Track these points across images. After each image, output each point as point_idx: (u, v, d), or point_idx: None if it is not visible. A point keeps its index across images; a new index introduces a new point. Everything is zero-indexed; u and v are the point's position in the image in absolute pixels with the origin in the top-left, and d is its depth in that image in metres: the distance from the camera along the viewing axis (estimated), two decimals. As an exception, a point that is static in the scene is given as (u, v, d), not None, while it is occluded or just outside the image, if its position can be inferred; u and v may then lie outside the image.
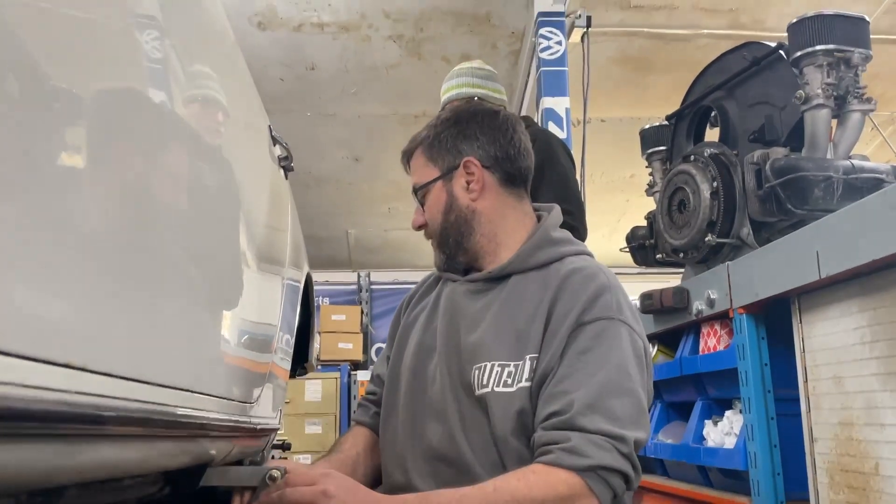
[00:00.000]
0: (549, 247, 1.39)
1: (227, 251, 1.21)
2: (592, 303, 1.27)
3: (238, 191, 1.29)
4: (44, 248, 0.59)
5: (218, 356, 1.14)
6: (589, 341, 1.24)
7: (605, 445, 1.15)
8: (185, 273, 0.96)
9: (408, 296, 1.63)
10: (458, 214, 1.42)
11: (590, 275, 1.32)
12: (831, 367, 1.62)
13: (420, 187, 1.45)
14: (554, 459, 1.15)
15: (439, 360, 1.37)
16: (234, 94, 1.36)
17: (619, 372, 1.22)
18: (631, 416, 1.20)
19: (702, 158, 2.45)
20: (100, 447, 0.73)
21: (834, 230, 1.54)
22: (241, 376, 1.29)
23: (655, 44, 4.67)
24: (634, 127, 3.50)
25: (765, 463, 1.83)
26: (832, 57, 2.17)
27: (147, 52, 0.86)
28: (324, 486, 1.08)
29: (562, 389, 1.21)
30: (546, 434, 1.19)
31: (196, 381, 1.01)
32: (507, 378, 1.27)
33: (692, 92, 2.84)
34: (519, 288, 1.36)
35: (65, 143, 0.64)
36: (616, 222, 7.07)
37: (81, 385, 0.64)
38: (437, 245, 1.46)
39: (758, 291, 1.84)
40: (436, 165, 1.44)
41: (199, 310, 1.03)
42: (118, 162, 0.75)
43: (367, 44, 4.74)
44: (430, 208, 1.45)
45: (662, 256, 2.76)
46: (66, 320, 0.63)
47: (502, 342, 1.30)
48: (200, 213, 1.04)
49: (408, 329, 1.52)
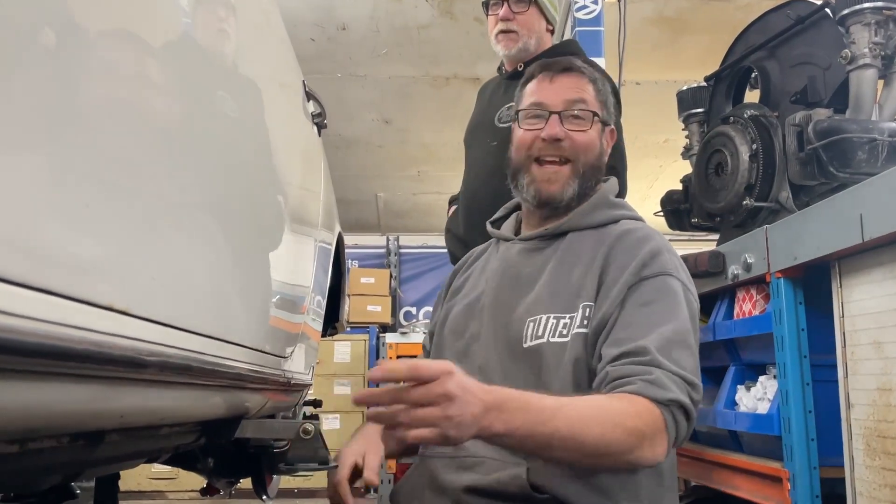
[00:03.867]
0: (607, 209, 1.42)
1: (264, 207, 1.21)
2: (652, 259, 1.29)
3: (274, 146, 1.29)
4: (91, 191, 0.59)
5: (254, 310, 1.15)
6: (651, 294, 1.25)
7: (682, 385, 1.16)
8: (225, 226, 0.96)
9: (460, 261, 1.63)
10: (603, 162, 1.45)
11: (646, 235, 1.34)
12: (871, 332, 1.59)
13: (596, 114, 1.41)
14: (637, 389, 1.14)
15: (486, 317, 1.37)
16: (269, 48, 1.35)
17: (683, 327, 1.23)
18: (692, 369, 1.21)
19: (741, 120, 2.39)
20: (139, 392, 0.74)
21: (879, 192, 1.50)
22: (275, 331, 1.30)
23: (694, 4, 4.55)
24: (669, 90, 3.42)
25: (799, 428, 1.81)
26: (880, 15, 2.09)
27: (184, 7, 0.85)
28: (445, 389, 0.96)
29: (628, 335, 1.21)
30: (623, 368, 1.17)
31: (233, 332, 1.01)
32: (562, 329, 1.28)
33: (732, 52, 2.76)
34: (574, 245, 1.37)
35: (105, 93, 0.64)
36: (648, 188, 6.98)
37: (122, 328, 0.64)
38: (579, 177, 1.39)
39: (796, 255, 1.80)
40: (602, 108, 1.44)
41: (238, 263, 1.03)
42: (162, 113, 0.75)
43: (399, 4, 4.68)
44: (588, 138, 1.40)
45: (698, 221, 2.72)
46: (109, 263, 0.63)
47: (558, 295, 1.31)
48: (238, 166, 1.04)
49: (457, 291, 1.52)
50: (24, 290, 0.49)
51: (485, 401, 1.01)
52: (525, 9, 2.27)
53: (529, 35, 2.28)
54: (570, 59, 1.48)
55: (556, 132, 1.37)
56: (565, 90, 1.40)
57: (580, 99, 1.39)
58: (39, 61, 0.50)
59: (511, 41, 2.27)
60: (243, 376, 1.08)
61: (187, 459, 1.54)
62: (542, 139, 1.38)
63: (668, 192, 2.97)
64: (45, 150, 0.51)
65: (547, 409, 1.07)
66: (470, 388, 1.00)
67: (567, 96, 1.39)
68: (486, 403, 1.01)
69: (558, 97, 1.39)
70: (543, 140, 1.38)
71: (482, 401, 1.01)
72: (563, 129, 1.37)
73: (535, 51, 2.31)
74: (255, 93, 1.22)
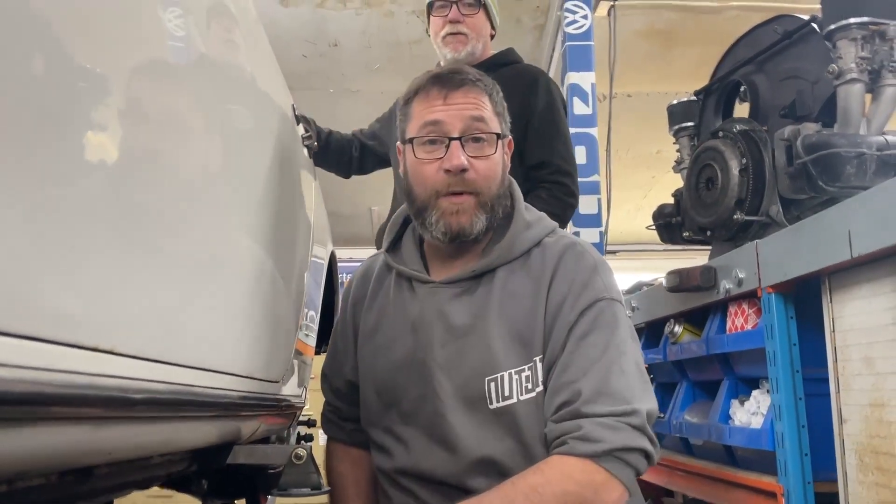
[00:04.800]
0: (526, 230, 1.33)
1: (253, 234, 1.21)
2: (585, 286, 1.26)
3: (261, 173, 1.29)
4: (68, 231, 0.59)
5: (245, 337, 1.15)
6: (588, 325, 1.24)
7: (618, 426, 1.15)
8: (209, 255, 0.97)
9: (352, 295, 1.48)
10: (504, 187, 1.34)
11: (577, 255, 1.30)
12: (862, 348, 1.60)
13: (498, 135, 1.29)
14: (568, 449, 1.14)
15: (436, 379, 1.28)
16: (257, 75, 1.35)
17: (619, 352, 1.22)
18: (637, 392, 1.20)
19: (731, 134, 2.41)
20: (128, 428, 0.74)
21: (867, 208, 1.51)
22: (267, 357, 1.30)
23: (683, 16, 4.58)
24: (661, 102, 3.44)
25: (793, 443, 1.81)
26: (867, 30, 2.11)
27: (169, 33, 0.86)
28: None
29: (567, 380, 1.21)
30: (558, 426, 1.18)
31: (224, 361, 1.01)
32: (526, 383, 1.25)
33: (721, 66, 2.78)
34: (509, 284, 1.30)
35: (88, 125, 0.64)
36: (642, 198, 7.01)
37: (109, 368, 0.64)
38: (486, 210, 1.28)
39: (787, 271, 1.81)
40: (500, 121, 1.32)
41: (226, 292, 1.03)
42: (142, 142, 0.75)
43: (391, 19, 4.70)
44: (491, 166, 1.28)
45: (689, 234, 2.73)
46: (94, 303, 0.63)
47: (510, 347, 1.26)
48: (223, 194, 1.04)
49: (371, 339, 1.40)
50: (8, 338, 0.49)
51: None
52: (475, 11, 2.23)
53: (478, 39, 2.23)
54: (463, 70, 1.32)
55: (461, 163, 1.23)
56: (463, 108, 1.26)
57: (479, 117, 1.26)
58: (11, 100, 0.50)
59: (460, 43, 2.21)
60: (235, 405, 1.08)
61: (181, 482, 1.53)
62: (445, 171, 1.25)
63: (660, 205, 2.98)
64: (21, 192, 0.51)
65: None
66: None
67: (467, 114, 1.26)
68: None
69: (456, 118, 1.26)
70: (448, 171, 1.25)
71: None
72: (466, 158, 1.25)
73: (480, 56, 2.26)
74: (244, 119, 1.22)
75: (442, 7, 2.24)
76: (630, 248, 7.29)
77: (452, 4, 2.21)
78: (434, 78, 1.31)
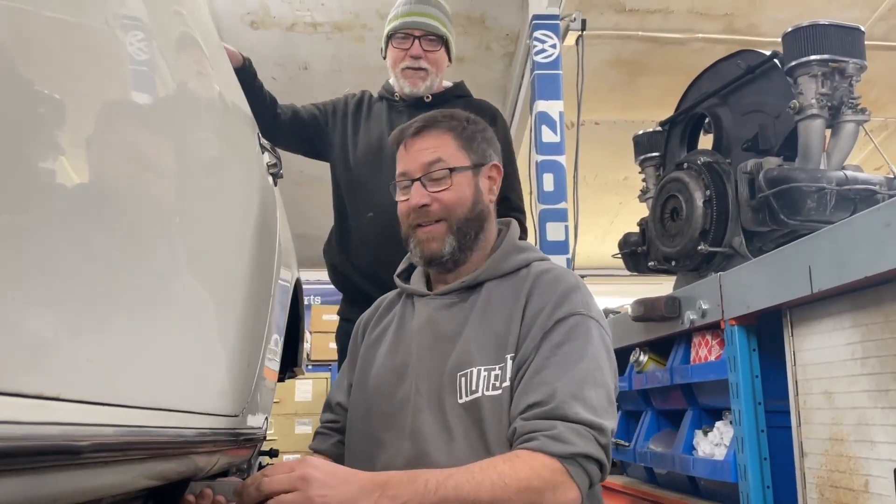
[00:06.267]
0: (517, 254, 1.46)
1: (210, 265, 1.19)
2: (563, 300, 1.33)
3: (220, 204, 1.27)
4: (5, 272, 0.57)
5: (200, 373, 1.12)
6: (563, 335, 1.29)
7: (587, 435, 1.20)
8: (165, 291, 0.94)
9: (363, 320, 1.62)
10: (481, 209, 1.47)
11: (558, 276, 1.39)
12: (822, 382, 1.61)
13: (454, 169, 1.43)
14: (539, 446, 1.18)
15: (416, 380, 1.36)
16: (221, 105, 1.34)
17: (594, 364, 1.28)
18: (605, 407, 1.26)
19: (695, 166, 2.44)
20: (74, 475, 0.71)
21: (826, 245, 1.53)
22: (225, 391, 1.28)
23: (650, 47, 4.66)
24: (628, 129, 3.49)
25: (755, 476, 1.82)
26: (826, 67, 2.16)
27: (131, 61, 0.84)
28: (301, 472, 1.06)
29: (540, 380, 1.25)
30: (528, 423, 1.22)
31: (177, 399, 0.99)
32: (494, 381, 1.30)
33: (686, 98, 2.83)
34: (494, 294, 1.41)
35: (41, 152, 0.62)
36: (609, 224, 7.08)
37: (53, 416, 0.62)
38: (454, 233, 1.43)
39: (749, 304, 1.83)
40: (468, 154, 1.46)
41: (179, 329, 1.01)
42: (96, 172, 0.73)
43: (361, 44, 4.72)
44: (454, 194, 1.42)
45: (655, 264, 2.75)
46: (39, 350, 0.61)
47: (484, 347, 1.33)
48: (182, 227, 1.02)
49: (371, 350, 1.51)
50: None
51: (361, 482, 1.08)
52: (437, 48, 2.27)
53: (437, 73, 2.28)
54: (423, 118, 1.49)
55: (419, 201, 1.41)
56: (420, 154, 1.44)
57: (435, 159, 1.43)
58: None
59: (420, 79, 2.26)
60: (190, 442, 1.05)
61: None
62: (411, 209, 1.43)
63: (626, 234, 3.01)
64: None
65: (433, 479, 1.10)
66: (337, 472, 1.09)
67: (423, 160, 1.43)
68: (364, 485, 1.07)
69: (415, 163, 1.44)
70: (412, 209, 1.43)
71: (358, 482, 1.08)
72: (428, 195, 1.42)
73: (436, 89, 2.31)
74: (206, 152, 1.21)
75: (404, 39, 2.26)
76: (598, 272, 7.33)
77: (415, 39, 2.24)
78: (399, 132, 1.49)
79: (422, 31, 2.25)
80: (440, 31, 2.26)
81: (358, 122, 2.37)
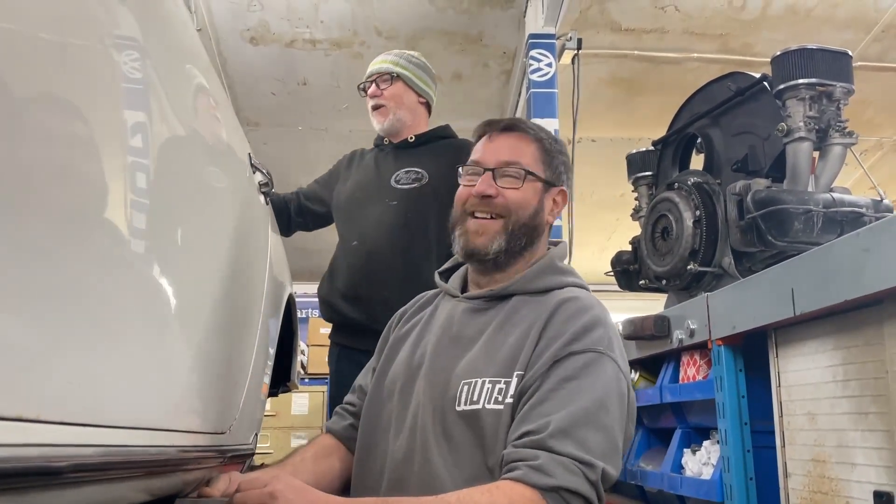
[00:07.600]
0: (553, 274, 1.45)
1: (199, 283, 1.20)
2: (585, 333, 1.30)
3: (206, 225, 1.29)
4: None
5: (184, 392, 1.14)
6: (575, 370, 1.26)
7: (574, 469, 1.17)
8: (146, 311, 0.96)
9: (399, 312, 1.64)
10: (539, 222, 1.46)
11: (585, 306, 1.35)
12: (805, 403, 1.63)
13: (528, 172, 1.43)
14: (520, 476, 1.16)
15: (423, 379, 1.37)
16: (213, 127, 1.36)
17: (600, 406, 1.23)
18: (603, 450, 1.21)
19: (685, 186, 2.46)
20: (55, 495, 0.73)
21: (808, 268, 1.55)
22: (211, 408, 1.29)
23: (646, 66, 4.70)
24: (624, 147, 3.52)
25: (740, 495, 1.83)
26: (814, 90, 2.19)
27: (124, 79, 0.86)
28: (272, 488, 1.08)
29: (539, 411, 1.22)
30: (516, 451, 1.20)
31: (164, 418, 1.00)
32: (497, 395, 1.28)
33: (678, 119, 2.85)
34: (518, 309, 1.39)
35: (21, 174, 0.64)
36: (606, 240, 7.09)
37: (33, 437, 0.64)
38: (507, 234, 1.42)
39: (735, 324, 1.84)
40: (545, 168, 1.47)
41: (162, 348, 1.03)
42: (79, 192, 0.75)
43: (359, 61, 4.75)
44: (521, 196, 1.42)
45: (646, 282, 2.77)
46: (17, 373, 0.63)
47: (493, 360, 1.32)
48: (165, 247, 1.04)
49: (398, 343, 1.52)
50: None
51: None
52: (389, 84, 2.47)
53: (398, 107, 2.47)
54: (514, 119, 1.53)
55: (484, 189, 1.41)
56: (502, 149, 1.45)
57: (515, 160, 1.43)
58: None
59: (382, 115, 2.47)
60: (174, 461, 1.07)
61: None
62: (473, 195, 1.42)
63: (618, 252, 3.03)
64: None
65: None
66: (307, 493, 1.11)
67: (502, 156, 1.44)
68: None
69: (494, 156, 1.44)
70: (475, 196, 1.42)
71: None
72: (496, 187, 1.41)
73: (412, 123, 2.49)
74: (200, 166, 1.23)
75: (366, 86, 2.52)
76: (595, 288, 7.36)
77: (372, 83, 2.50)
78: (487, 123, 1.52)
79: (377, 75, 2.49)
80: (391, 70, 2.48)
81: (350, 170, 2.59)
